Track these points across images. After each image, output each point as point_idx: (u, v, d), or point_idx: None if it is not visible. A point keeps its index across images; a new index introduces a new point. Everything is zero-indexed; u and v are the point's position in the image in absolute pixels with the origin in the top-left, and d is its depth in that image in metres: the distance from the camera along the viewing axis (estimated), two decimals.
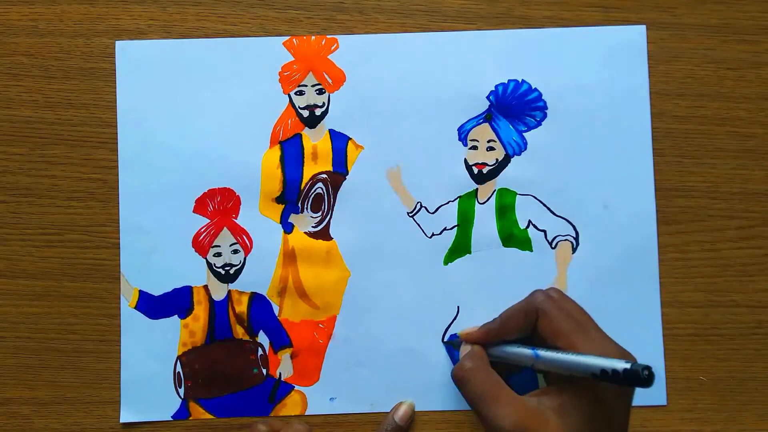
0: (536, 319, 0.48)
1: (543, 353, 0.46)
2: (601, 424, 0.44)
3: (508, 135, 0.58)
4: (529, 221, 0.58)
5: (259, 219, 0.58)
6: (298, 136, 0.59)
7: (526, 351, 0.48)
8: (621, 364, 0.41)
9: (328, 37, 0.59)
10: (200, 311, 0.58)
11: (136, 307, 0.58)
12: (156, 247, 0.58)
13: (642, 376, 0.40)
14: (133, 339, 0.58)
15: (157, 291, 0.58)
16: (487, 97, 0.58)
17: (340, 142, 0.58)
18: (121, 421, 0.57)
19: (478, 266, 0.58)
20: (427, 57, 0.59)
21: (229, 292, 0.58)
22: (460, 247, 0.58)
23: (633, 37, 0.58)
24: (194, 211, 0.58)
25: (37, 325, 0.58)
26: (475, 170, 0.58)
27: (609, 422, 0.44)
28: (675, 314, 0.58)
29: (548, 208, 0.58)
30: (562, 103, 0.58)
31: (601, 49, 0.58)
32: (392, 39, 0.59)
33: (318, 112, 0.59)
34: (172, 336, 0.58)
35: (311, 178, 0.58)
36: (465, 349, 0.51)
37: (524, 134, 0.58)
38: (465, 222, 0.58)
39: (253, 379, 0.58)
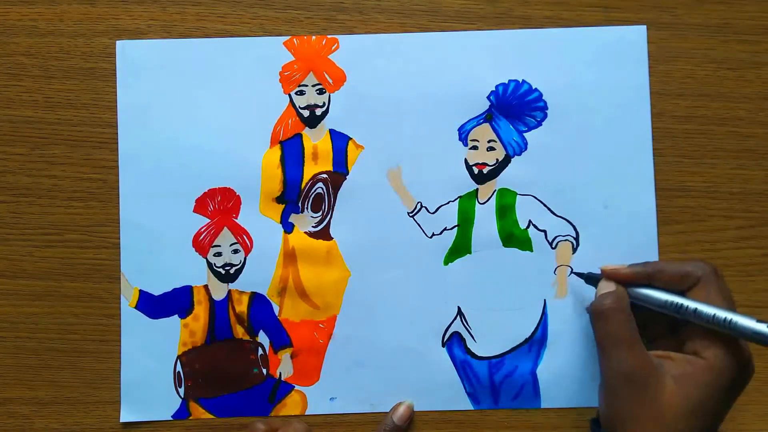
0: (690, 287, 0.47)
1: (691, 302, 0.46)
2: (713, 408, 0.45)
3: (508, 135, 0.58)
4: (530, 221, 0.58)
5: (259, 219, 0.58)
6: (298, 136, 0.59)
7: (674, 297, 0.48)
8: None
9: (329, 37, 0.59)
10: (200, 311, 0.58)
11: (136, 307, 0.58)
12: (156, 246, 0.58)
13: None
14: (133, 339, 0.58)
15: (157, 291, 0.58)
16: (488, 97, 0.58)
17: (340, 141, 0.58)
18: (121, 420, 0.57)
19: (478, 266, 0.58)
20: (427, 57, 0.59)
21: (230, 291, 0.58)
22: (461, 247, 0.58)
23: (633, 37, 0.58)
24: (194, 211, 0.58)
25: (37, 325, 0.58)
26: (476, 170, 0.58)
27: (718, 407, 0.45)
28: None
29: (548, 208, 0.58)
30: (563, 103, 0.58)
31: (602, 49, 0.58)
32: (392, 39, 0.59)
33: (318, 112, 0.59)
34: (172, 336, 0.58)
35: (311, 178, 0.58)
36: (606, 286, 0.50)
37: (524, 134, 0.58)
38: (465, 222, 0.58)
39: (253, 378, 0.58)
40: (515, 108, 0.58)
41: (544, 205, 0.58)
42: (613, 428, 0.47)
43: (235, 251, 0.58)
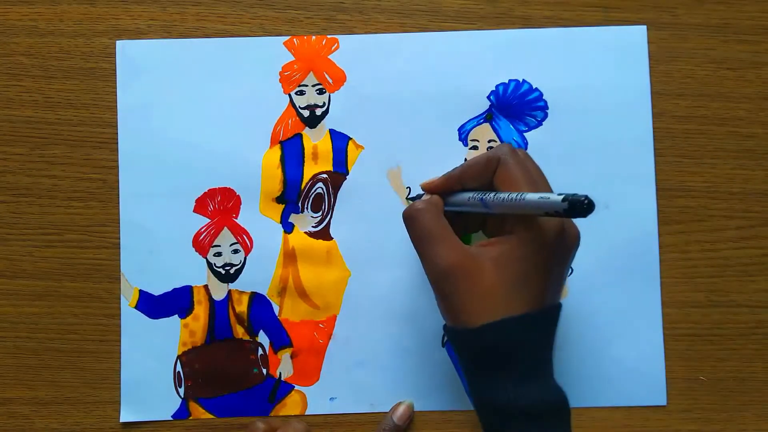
0: (496, 169, 0.47)
1: (488, 196, 0.46)
2: (534, 279, 0.45)
3: (508, 135, 0.58)
4: None
5: (259, 219, 0.58)
6: (298, 136, 0.59)
7: (476, 195, 0.48)
8: (558, 199, 0.40)
9: (329, 37, 0.59)
10: (200, 311, 0.58)
11: (136, 307, 0.58)
12: (156, 246, 0.58)
13: (583, 205, 0.39)
14: (133, 339, 0.58)
15: (157, 291, 0.58)
16: (488, 97, 0.58)
17: (340, 141, 0.58)
18: (121, 420, 0.57)
19: None
20: (427, 57, 0.59)
21: (230, 291, 0.58)
22: None
23: (633, 37, 0.58)
24: (194, 211, 0.58)
25: (37, 325, 0.58)
26: None
27: (542, 277, 0.45)
28: (675, 314, 0.58)
29: None
30: (563, 103, 0.58)
31: (602, 49, 0.58)
32: (392, 39, 0.59)
33: (318, 111, 0.59)
34: (172, 336, 0.58)
35: (311, 178, 0.58)
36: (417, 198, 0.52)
37: (525, 134, 0.58)
38: None
39: (253, 378, 0.58)
40: (515, 108, 0.58)
41: None
42: (451, 322, 0.47)
43: (235, 251, 0.58)
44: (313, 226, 0.58)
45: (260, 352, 0.58)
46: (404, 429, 0.57)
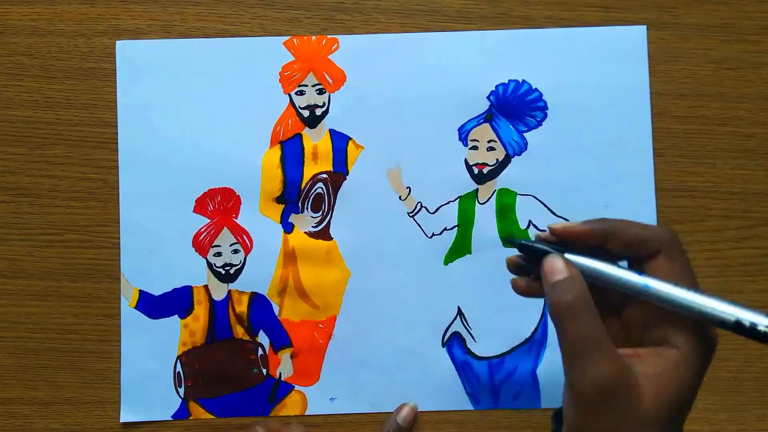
0: (651, 256, 0.40)
1: (655, 283, 0.38)
2: (684, 402, 0.39)
3: (508, 135, 0.58)
4: (530, 221, 0.58)
5: (259, 219, 0.58)
6: (298, 136, 0.59)
7: (634, 276, 0.39)
8: (764, 319, 0.36)
9: (329, 37, 0.59)
10: (200, 311, 0.58)
11: (136, 307, 0.58)
12: (156, 247, 0.58)
13: None
14: (133, 339, 0.58)
15: (157, 291, 0.58)
16: (488, 97, 0.58)
17: (340, 142, 0.58)
18: (121, 420, 0.57)
19: (478, 266, 0.58)
20: (427, 57, 0.59)
21: (230, 291, 0.58)
22: (461, 248, 0.58)
23: (633, 38, 0.58)
24: (194, 211, 0.58)
25: (37, 325, 0.58)
26: (476, 170, 0.58)
27: (692, 397, 0.39)
28: None
29: (548, 209, 0.58)
30: (563, 103, 0.58)
31: (602, 50, 0.58)
32: (392, 39, 0.59)
33: (318, 112, 0.59)
34: (172, 336, 0.58)
35: (311, 178, 0.58)
36: (555, 267, 0.40)
37: (524, 134, 0.58)
38: (465, 222, 0.58)
39: (253, 378, 0.58)
40: (515, 108, 0.58)
41: (544, 205, 0.58)
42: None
43: (235, 251, 0.58)
44: (313, 226, 0.58)
45: (260, 352, 0.58)
46: (408, 431, 0.57)
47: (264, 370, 0.58)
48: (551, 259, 0.40)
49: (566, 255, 0.40)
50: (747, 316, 0.36)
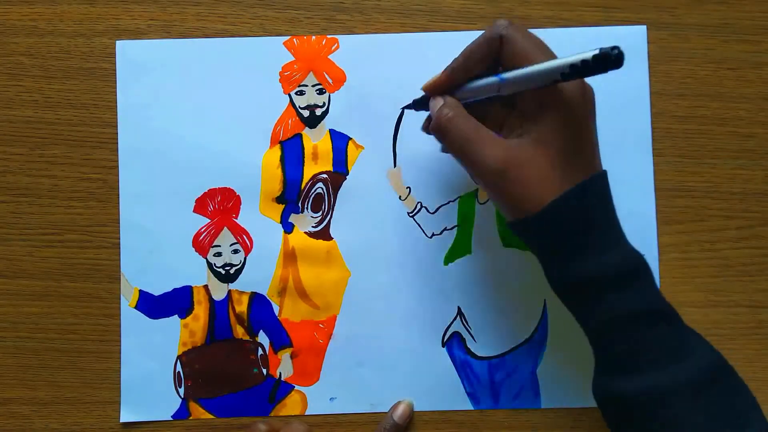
0: (499, 47, 0.47)
1: (507, 73, 0.46)
2: (577, 149, 0.46)
3: None
4: None
5: (259, 219, 0.58)
6: (298, 136, 0.59)
7: (491, 78, 0.47)
8: (589, 53, 0.40)
9: (329, 37, 0.59)
10: (200, 311, 0.58)
11: (136, 307, 0.58)
12: (156, 246, 0.58)
13: (612, 56, 0.39)
14: (133, 339, 0.58)
15: (157, 291, 0.58)
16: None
17: (340, 141, 0.58)
18: (121, 420, 0.57)
19: (478, 266, 0.58)
20: (427, 57, 0.58)
21: (230, 291, 0.58)
22: (461, 248, 0.58)
23: (633, 38, 0.58)
24: (194, 211, 0.58)
25: (37, 325, 0.58)
26: None
27: (584, 146, 0.47)
28: None
29: None
30: None
31: None
32: (392, 39, 0.59)
33: (318, 112, 0.59)
34: (172, 336, 0.58)
35: (311, 178, 0.58)
36: (436, 102, 0.50)
37: None
38: (465, 222, 0.58)
39: (253, 379, 0.58)
40: None
41: None
42: (514, 216, 0.47)
43: (235, 251, 0.58)
44: (313, 226, 0.58)
45: (260, 352, 0.58)
46: (404, 428, 0.57)
47: (264, 370, 0.58)
48: (432, 99, 0.50)
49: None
50: (575, 58, 0.41)
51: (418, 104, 0.54)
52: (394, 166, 0.58)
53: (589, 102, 0.47)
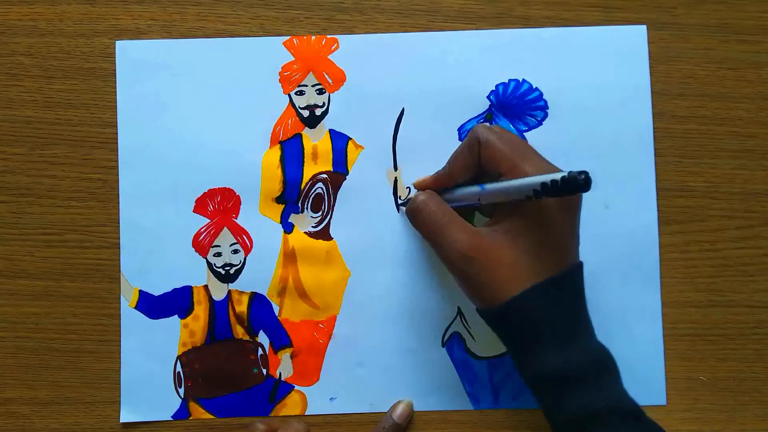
0: (479, 152, 0.48)
1: (488, 185, 0.47)
2: (549, 243, 0.46)
3: None
4: None
5: (259, 219, 0.58)
6: (298, 136, 0.59)
7: (474, 187, 0.49)
8: (558, 175, 0.42)
9: (329, 37, 0.59)
10: (200, 311, 0.58)
11: (136, 307, 0.58)
12: (156, 247, 0.58)
13: (579, 181, 0.41)
14: (133, 339, 0.58)
15: (157, 291, 0.58)
16: (488, 97, 0.58)
17: (340, 141, 0.58)
18: (121, 421, 0.57)
19: None
20: (427, 57, 0.58)
21: (229, 292, 0.58)
22: None
23: (634, 37, 0.58)
24: (194, 211, 0.58)
25: (37, 325, 0.58)
26: None
27: (556, 241, 0.46)
28: (675, 314, 0.58)
29: None
30: (563, 102, 0.58)
31: (602, 49, 0.58)
32: (392, 39, 0.59)
33: (318, 112, 0.59)
34: (172, 336, 0.58)
35: (311, 178, 0.58)
36: (417, 193, 0.52)
37: (525, 134, 0.58)
38: None
39: (253, 379, 0.58)
40: (515, 107, 0.58)
41: None
42: (480, 304, 0.47)
43: (235, 251, 0.58)
44: (312, 226, 0.58)
45: (260, 352, 0.58)
46: (404, 428, 0.57)
47: (264, 370, 0.58)
48: (414, 194, 0.52)
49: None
50: (545, 178, 0.42)
51: (406, 202, 0.57)
52: (394, 166, 0.58)
53: (571, 201, 0.47)
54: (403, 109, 0.58)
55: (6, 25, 0.59)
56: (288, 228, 0.58)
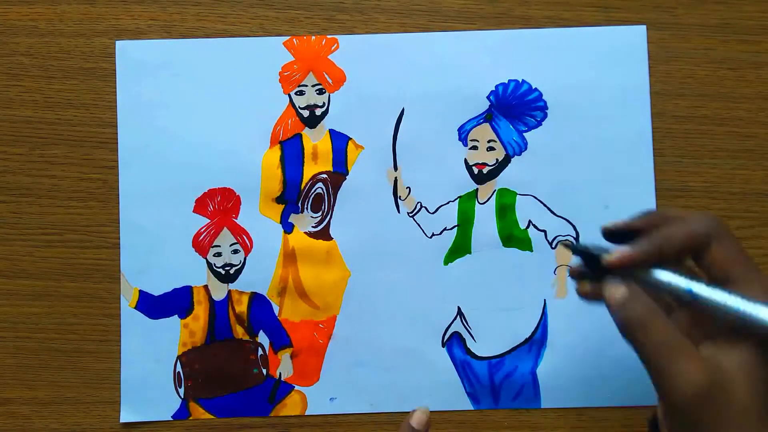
0: (703, 247, 0.40)
1: (703, 289, 0.38)
2: None
3: (508, 135, 0.58)
4: (530, 221, 0.58)
5: (259, 219, 0.58)
6: (298, 136, 0.59)
7: (681, 287, 0.39)
8: None
9: (328, 37, 0.59)
10: (200, 311, 0.58)
11: (136, 307, 0.58)
12: (156, 247, 0.58)
13: None
14: (133, 339, 0.58)
15: (157, 291, 0.58)
16: (488, 97, 0.58)
17: (340, 142, 0.58)
18: (121, 421, 0.57)
19: (478, 266, 0.58)
20: (427, 57, 0.59)
21: (229, 292, 0.58)
22: (461, 247, 0.58)
23: (633, 37, 0.58)
24: (194, 211, 0.58)
25: (37, 325, 0.58)
26: (475, 170, 0.58)
27: None
28: None
29: (548, 209, 0.58)
30: (563, 103, 0.58)
31: (602, 49, 0.58)
32: (392, 39, 0.59)
33: (318, 112, 0.59)
34: (172, 336, 0.58)
35: (311, 178, 0.58)
36: (617, 289, 0.40)
37: (524, 134, 0.58)
38: (465, 222, 0.58)
39: (253, 379, 0.58)
40: (515, 108, 0.58)
41: (544, 205, 0.58)
42: None
43: (235, 251, 0.58)
44: (312, 226, 0.58)
45: (260, 352, 0.58)
46: None
47: (264, 371, 0.58)
48: (610, 280, 0.41)
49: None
50: None
51: (588, 261, 0.43)
52: (394, 166, 0.58)
53: None
54: (403, 109, 0.58)
55: (6, 25, 0.59)
56: (288, 228, 0.58)
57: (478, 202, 0.58)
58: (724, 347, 0.38)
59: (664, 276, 0.40)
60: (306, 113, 0.59)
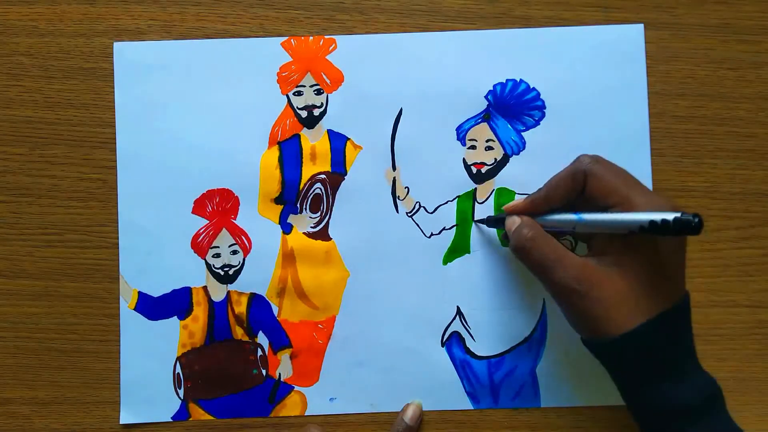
0: (584, 182, 0.48)
1: (585, 215, 0.47)
2: (661, 277, 0.45)
3: (506, 134, 0.58)
4: None
5: (258, 220, 0.58)
6: (296, 137, 0.59)
7: (569, 215, 0.49)
8: (670, 215, 0.41)
9: (326, 37, 0.59)
10: (199, 312, 0.58)
11: (135, 309, 0.58)
12: (155, 248, 0.58)
13: (692, 224, 0.40)
14: (133, 340, 0.58)
15: (156, 292, 0.58)
16: (486, 97, 0.58)
17: (338, 142, 0.58)
18: (121, 422, 0.57)
19: (477, 266, 0.58)
20: (426, 57, 0.58)
21: (229, 292, 0.58)
22: (459, 247, 0.58)
23: (631, 36, 0.58)
24: (193, 212, 0.58)
25: (37, 325, 0.58)
26: (474, 170, 0.58)
27: (668, 274, 0.46)
28: None
29: None
30: (561, 102, 0.58)
31: (599, 48, 0.58)
32: (390, 39, 0.59)
33: (316, 112, 0.59)
34: (171, 337, 0.58)
35: (310, 179, 0.58)
36: (513, 222, 0.51)
37: (523, 134, 0.58)
38: (464, 222, 0.58)
39: (253, 379, 0.58)
40: (513, 107, 0.58)
41: None
42: (587, 335, 0.47)
43: (234, 252, 0.58)
44: (311, 227, 0.58)
45: (260, 353, 0.58)
46: (416, 429, 0.57)
47: (263, 371, 0.58)
48: (508, 219, 0.51)
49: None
50: (656, 217, 0.42)
51: (492, 221, 0.56)
52: (393, 166, 0.58)
53: (678, 251, 0.46)
54: (401, 109, 0.58)
55: (6, 25, 0.59)
56: (287, 228, 0.58)
57: (477, 202, 0.58)
58: (606, 252, 0.47)
59: (557, 216, 0.50)
60: (304, 114, 0.59)
